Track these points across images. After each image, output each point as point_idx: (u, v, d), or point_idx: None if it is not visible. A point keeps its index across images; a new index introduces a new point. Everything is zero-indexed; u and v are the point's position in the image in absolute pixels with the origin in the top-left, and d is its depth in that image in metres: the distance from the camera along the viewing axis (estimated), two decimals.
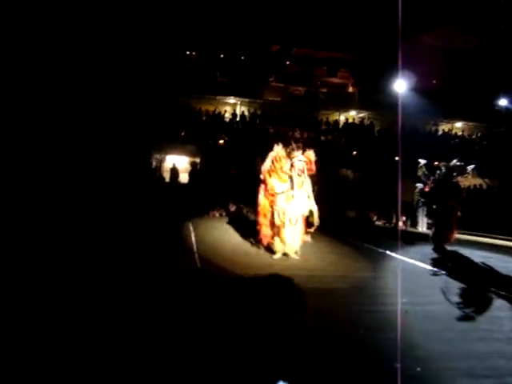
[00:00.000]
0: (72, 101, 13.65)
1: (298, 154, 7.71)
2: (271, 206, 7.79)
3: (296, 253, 7.74)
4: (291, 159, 7.71)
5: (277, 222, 7.65)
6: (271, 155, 7.85)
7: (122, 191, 13.44)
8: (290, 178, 7.67)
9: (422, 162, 9.91)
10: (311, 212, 7.79)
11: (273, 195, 7.76)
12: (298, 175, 7.65)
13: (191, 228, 10.47)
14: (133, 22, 17.78)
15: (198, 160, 20.07)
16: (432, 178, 9.42)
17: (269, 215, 7.87)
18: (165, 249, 8.02)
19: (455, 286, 6.11)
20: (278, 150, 7.81)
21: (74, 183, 11.95)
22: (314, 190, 7.89)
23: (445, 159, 9.51)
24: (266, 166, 7.91)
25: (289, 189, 7.64)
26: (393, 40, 8.21)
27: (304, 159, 7.71)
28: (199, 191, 16.24)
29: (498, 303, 5.41)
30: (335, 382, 3.16)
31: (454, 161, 9.22)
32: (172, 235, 9.63)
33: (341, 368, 3.38)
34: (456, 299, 5.44)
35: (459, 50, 23.40)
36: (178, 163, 19.83)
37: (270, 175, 7.82)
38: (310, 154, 7.90)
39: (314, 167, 7.87)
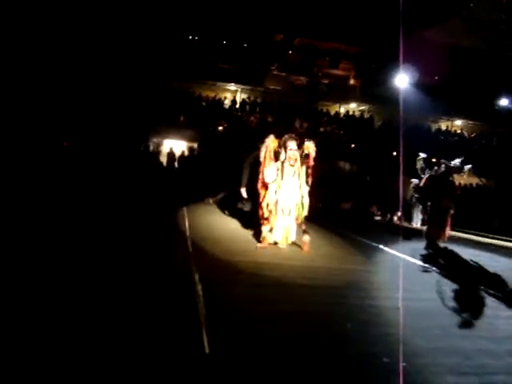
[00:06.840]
0: (71, 84, 13.60)
1: (291, 144, 7.65)
2: (263, 197, 7.76)
3: (289, 243, 7.71)
4: (285, 149, 7.66)
5: (265, 212, 7.62)
6: (264, 146, 7.83)
7: (119, 174, 13.43)
8: (281, 167, 7.60)
9: (422, 155, 9.87)
10: (302, 202, 7.74)
11: (265, 185, 7.75)
12: (291, 165, 7.56)
13: (185, 213, 10.46)
14: (136, 6, 17.68)
15: (195, 145, 20.02)
16: (428, 172, 9.39)
17: (258, 205, 7.88)
18: (159, 234, 8.04)
19: (445, 283, 6.13)
20: (270, 140, 7.79)
21: (72, 165, 11.93)
22: (307, 182, 7.81)
23: (442, 156, 9.45)
24: (260, 156, 7.89)
25: (278, 179, 7.59)
26: (396, 34, 8.15)
27: (295, 148, 7.61)
28: (195, 177, 16.20)
29: (487, 302, 5.43)
30: (321, 376, 3.17)
31: (457, 160, 9.16)
32: (166, 220, 9.62)
33: (327, 363, 3.39)
34: (445, 296, 5.45)
35: (462, 47, 23.32)
36: (176, 148, 19.76)
37: (262, 165, 7.81)
38: (310, 147, 7.75)
39: (311, 162, 7.76)
